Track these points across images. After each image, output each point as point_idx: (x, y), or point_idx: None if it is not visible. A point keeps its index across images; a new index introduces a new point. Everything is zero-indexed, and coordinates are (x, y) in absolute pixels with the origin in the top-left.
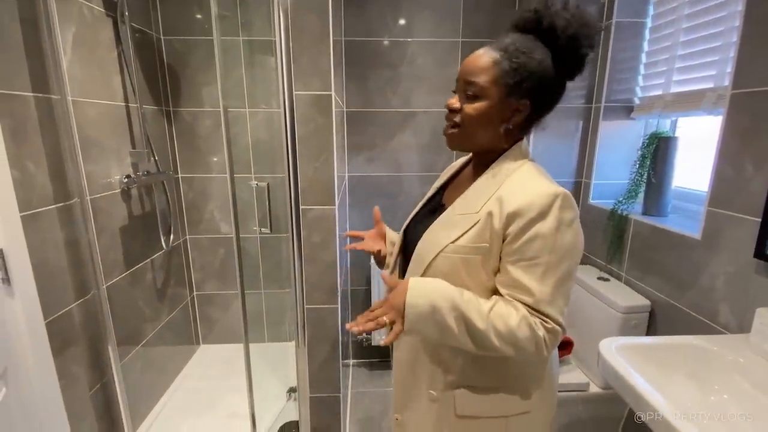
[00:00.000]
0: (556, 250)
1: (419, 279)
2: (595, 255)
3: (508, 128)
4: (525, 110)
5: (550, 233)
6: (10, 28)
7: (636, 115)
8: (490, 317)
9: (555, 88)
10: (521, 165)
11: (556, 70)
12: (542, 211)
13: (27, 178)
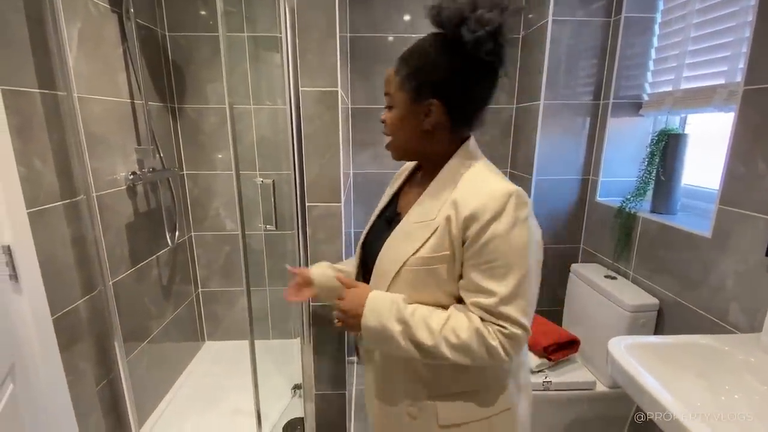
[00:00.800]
0: (513, 249)
1: (375, 297)
2: (602, 253)
3: (429, 130)
4: (436, 110)
5: (506, 232)
6: (16, 25)
7: (645, 111)
8: (442, 332)
9: (464, 81)
10: (471, 165)
11: (463, 62)
12: (497, 211)
13: (34, 175)
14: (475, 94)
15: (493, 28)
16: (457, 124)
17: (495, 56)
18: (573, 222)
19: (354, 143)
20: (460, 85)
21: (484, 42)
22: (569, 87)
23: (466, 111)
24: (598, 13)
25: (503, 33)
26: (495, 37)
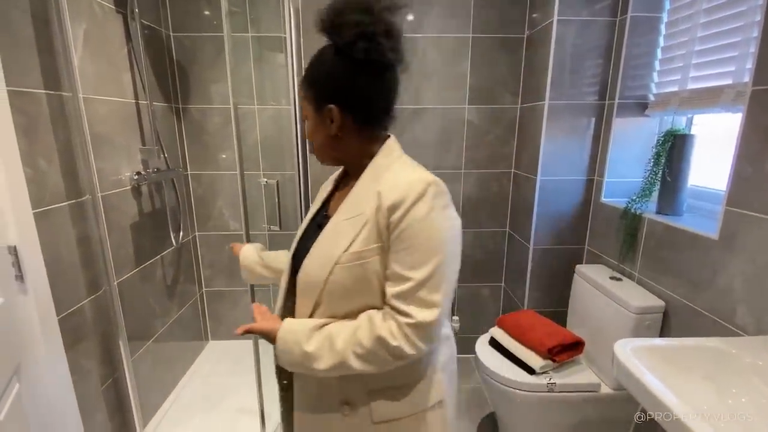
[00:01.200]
0: (431, 234)
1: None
2: (606, 254)
3: (338, 135)
4: (336, 115)
5: (423, 218)
6: (22, 25)
7: (650, 111)
8: (348, 348)
9: (354, 84)
10: (393, 162)
11: (350, 66)
12: (416, 198)
13: (39, 176)
14: (370, 94)
15: (364, 30)
16: (363, 126)
17: (378, 55)
18: (577, 223)
19: None
20: (351, 89)
21: (355, 44)
22: (574, 87)
23: (367, 112)
24: (603, 12)
25: (378, 32)
26: (368, 38)
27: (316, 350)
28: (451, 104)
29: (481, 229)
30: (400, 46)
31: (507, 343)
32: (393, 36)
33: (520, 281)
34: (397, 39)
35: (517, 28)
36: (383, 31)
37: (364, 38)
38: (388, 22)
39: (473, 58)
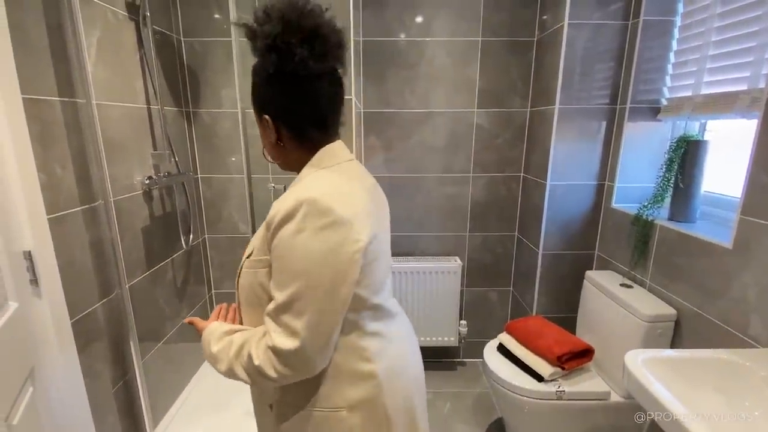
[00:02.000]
0: (296, 257)
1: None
2: (617, 260)
3: (279, 143)
4: (270, 125)
5: (289, 239)
6: (37, 34)
7: (663, 116)
8: (236, 357)
9: (277, 95)
10: (313, 172)
11: (271, 78)
12: (285, 217)
13: (54, 181)
14: (294, 106)
15: (274, 41)
16: (298, 135)
17: (293, 67)
18: (587, 228)
19: (366, 147)
20: (274, 100)
21: (266, 56)
22: (585, 91)
23: (295, 123)
24: (615, 16)
25: (293, 42)
26: (279, 49)
27: (218, 352)
28: (460, 108)
29: (489, 233)
30: (330, 51)
31: (516, 349)
32: (317, 43)
33: (528, 286)
34: (324, 44)
35: (527, 32)
36: (301, 40)
37: (275, 50)
38: (309, 29)
39: (482, 62)
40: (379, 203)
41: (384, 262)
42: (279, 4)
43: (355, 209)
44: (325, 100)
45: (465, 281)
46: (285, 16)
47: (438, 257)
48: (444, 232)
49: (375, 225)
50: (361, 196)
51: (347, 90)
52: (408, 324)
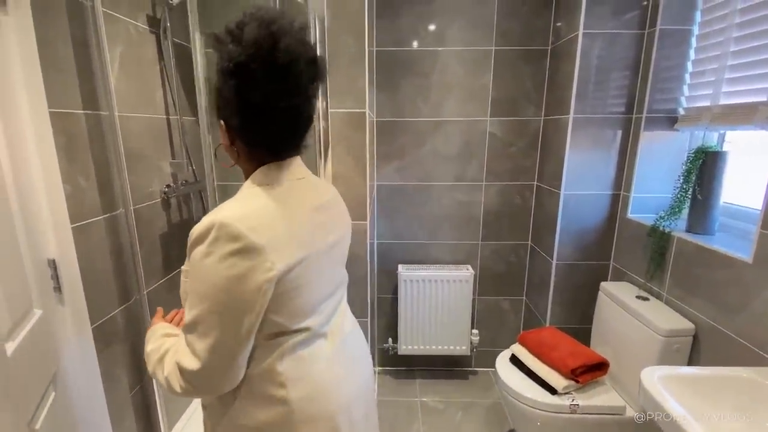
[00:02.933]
0: (202, 280)
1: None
2: (633, 271)
3: (232, 148)
4: (224, 130)
5: (198, 261)
6: (64, 51)
7: (680, 126)
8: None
9: (231, 110)
10: (244, 189)
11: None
12: (198, 238)
13: (77, 192)
14: (247, 126)
15: (234, 67)
16: (252, 149)
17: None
18: (602, 238)
19: (378, 156)
20: (230, 113)
21: (228, 79)
22: (600, 100)
23: (248, 140)
24: (631, 25)
25: (250, 65)
26: (239, 77)
27: (150, 352)
28: (473, 116)
29: (502, 242)
30: (301, 87)
31: (529, 361)
32: (287, 79)
33: (542, 296)
34: (297, 80)
35: (540, 40)
36: (268, 73)
37: (236, 76)
38: (280, 64)
39: (496, 70)
40: (322, 222)
41: (315, 287)
42: (255, 24)
43: (274, 235)
44: (283, 133)
45: (477, 290)
46: (257, 41)
47: (450, 266)
48: (456, 241)
49: (300, 250)
50: (289, 220)
51: (362, 105)
52: (353, 345)
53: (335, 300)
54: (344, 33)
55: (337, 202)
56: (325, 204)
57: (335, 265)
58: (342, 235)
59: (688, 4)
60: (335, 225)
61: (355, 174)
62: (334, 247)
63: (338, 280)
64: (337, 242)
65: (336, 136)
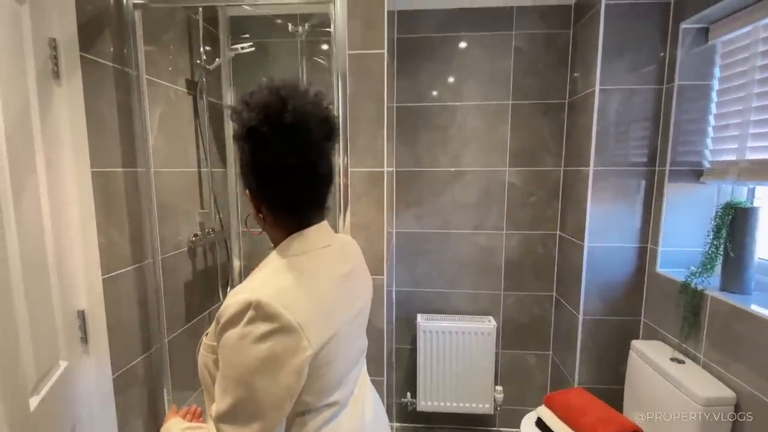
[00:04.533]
0: (237, 365)
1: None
2: (666, 330)
3: (259, 216)
4: (249, 199)
5: (232, 345)
6: (109, 116)
7: (706, 179)
8: None
9: (251, 176)
10: (273, 261)
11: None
12: (232, 318)
13: (110, 244)
14: (266, 189)
15: (246, 126)
16: (272, 215)
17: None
18: (631, 293)
19: (397, 203)
20: (251, 178)
21: (245, 144)
22: (621, 151)
23: (269, 204)
24: (648, 81)
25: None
26: (251, 140)
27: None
28: (492, 166)
29: (525, 293)
30: (313, 144)
31: (556, 426)
32: (297, 137)
33: (569, 352)
34: (306, 137)
35: (557, 94)
36: (277, 133)
37: (249, 140)
38: (289, 123)
39: (513, 123)
40: (349, 291)
41: (343, 360)
42: (266, 91)
43: (308, 311)
44: (301, 192)
45: (500, 343)
46: (267, 106)
47: (471, 316)
48: (477, 290)
49: (332, 325)
50: (321, 293)
51: (380, 164)
52: (373, 409)
53: (358, 368)
54: (365, 95)
55: (360, 262)
56: (350, 271)
57: (359, 333)
58: (365, 301)
59: (706, 61)
60: (359, 291)
61: (373, 230)
62: (358, 315)
63: (362, 347)
64: (362, 308)
65: (355, 193)
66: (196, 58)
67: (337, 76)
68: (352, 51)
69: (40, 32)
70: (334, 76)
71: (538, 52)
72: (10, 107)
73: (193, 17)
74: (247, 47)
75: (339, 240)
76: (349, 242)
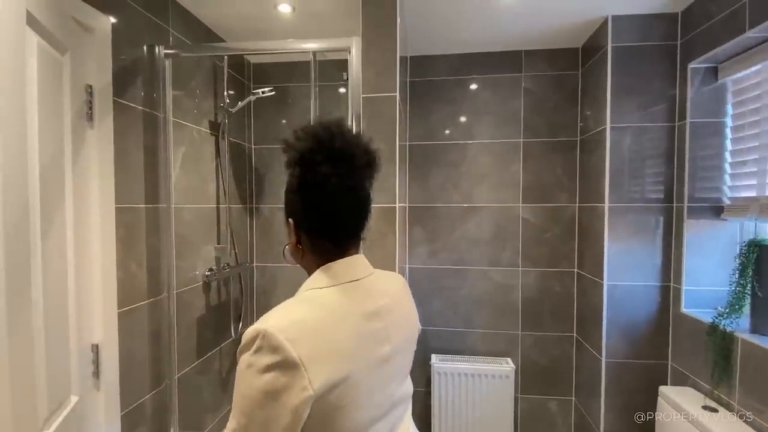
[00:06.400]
0: (241, 393)
1: None
2: (696, 375)
3: (299, 248)
4: (292, 230)
5: (241, 372)
6: (135, 155)
7: (727, 216)
8: None
9: (301, 204)
10: (301, 292)
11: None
12: (245, 345)
13: (128, 278)
14: (312, 213)
15: (303, 155)
16: (313, 243)
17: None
18: (656, 335)
19: (410, 239)
20: (298, 207)
21: (292, 167)
22: (636, 188)
23: (313, 231)
24: (659, 119)
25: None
26: (306, 164)
27: None
28: (505, 202)
29: (544, 333)
30: (356, 170)
31: None
32: (344, 161)
33: (593, 398)
34: (351, 163)
35: (568, 132)
36: (326, 157)
37: (300, 164)
38: (337, 148)
39: (525, 160)
40: (376, 331)
41: (364, 408)
42: (317, 125)
43: (316, 348)
44: (343, 215)
45: (519, 387)
46: (317, 136)
47: (488, 358)
48: (494, 329)
49: (344, 366)
50: (336, 331)
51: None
52: None
53: (391, 421)
54: (378, 134)
55: (399, 301)
56: (381, 309)
57: (391, 380)
58: (402, 346)
59: (717, 98)
60: (392, 332)
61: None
62: (389, 360)
63: (396, 397)
64: (395, 353)
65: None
66: (220, 102)
67: (351, 116)
68: (366, 94)
69: (78, 79)
70: (349, 117)
71: (548, 92)
72: (46, 148)
73: (218, 64)
74: (267, 91)
75: (376, 275)
76: (390, 278)
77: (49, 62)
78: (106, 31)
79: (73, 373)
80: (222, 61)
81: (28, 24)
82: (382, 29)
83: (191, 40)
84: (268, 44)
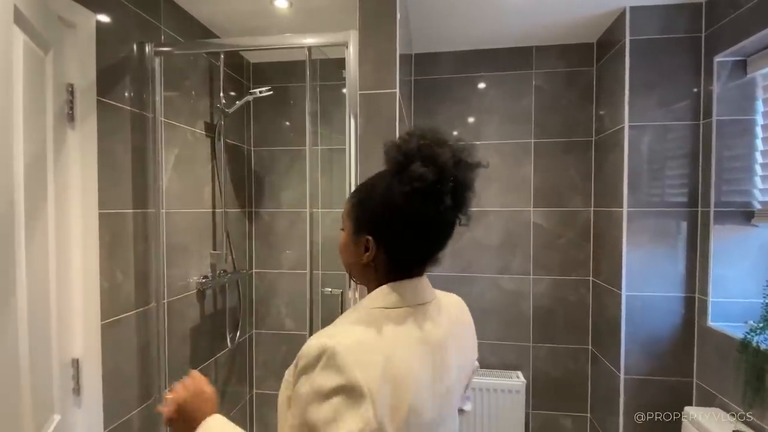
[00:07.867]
0: (302, 418)
1: (208, 424)
2: (725, 395)
3: (368, 264)
4: (372, 247)
5: (304, 395)
6: (122, 157)
7: (758, 222)
8: None
9: (397, 228)
10: (360, 308)
11: (398, 210)
12: (307, 365)
13: (113, 287)
14: (411, 244)
15: (424, 186)
16: (394, 267)
17: (433, 212)
18: (680, 350)
19: None
20: (394, 230)
21: (412, 198)
22: (657, 192)
23: (402, 256)
24: (682, 116)
25: (443, 191)
26: (426, 194)
27: None
28: (515, 206)
29: (557, 345)
30: (465, 203)
31: None
32: (460, 194)
33: (611, 416)
34: (464, 195)
35: (582, 132)
36: (449, 190)
37: (424, 196)
38: (460, 180)
39: (536, 161)
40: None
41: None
42: (440, 149)
43: (384, 379)
44: (442, 245)
45: (531, 402)
46: (444, 165)
47: (497, 371)
48: (504, 341)
49: (404, 398)
50: (406, 363)
51: None
52: None
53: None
54: (376, 133)
55: (462, 330)
56: (444, 339)
57: (446, 414)
58: (460, 376)
59: (746, 94)
60: (453, 362)
61: None
62: (446, 394)
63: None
64: (453, 386)
65: None
66: (216, 102)
67: (349, 114)
68: (364, 91)
69: (59, 78)
70: (347, 115)
71: (560, 90)
72: (29, 151)
73: (214, 63)
74: (264, 91)
75: (439, 299)
76: (453, 304)
77: (33, 61)
78: (90, 29)
79: (55, 390)
80: (218, 61)
81: (15, 22)
82: (381, 22)
83: (185, 38)
84: (262, 40)
